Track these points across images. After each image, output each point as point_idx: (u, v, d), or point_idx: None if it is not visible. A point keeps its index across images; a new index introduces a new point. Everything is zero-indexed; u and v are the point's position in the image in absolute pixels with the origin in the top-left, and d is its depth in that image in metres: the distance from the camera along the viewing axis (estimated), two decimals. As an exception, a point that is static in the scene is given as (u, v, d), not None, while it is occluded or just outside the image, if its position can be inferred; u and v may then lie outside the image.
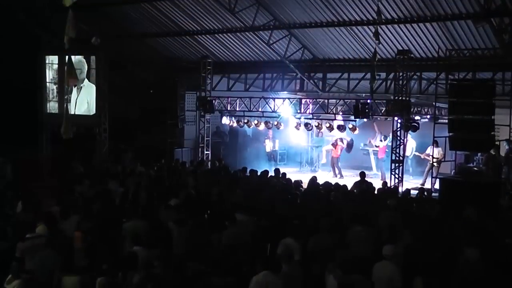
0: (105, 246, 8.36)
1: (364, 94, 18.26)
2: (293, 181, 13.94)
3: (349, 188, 12.94)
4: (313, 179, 13.68)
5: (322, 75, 18.68)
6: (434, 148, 16.02)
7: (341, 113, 17.95)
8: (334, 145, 19.21)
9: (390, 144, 16.64)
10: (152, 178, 14.16)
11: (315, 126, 18.00)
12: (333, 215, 9.59)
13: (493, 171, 14.30)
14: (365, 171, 14.68)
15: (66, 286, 7.04)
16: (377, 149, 18.69)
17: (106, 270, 6.98)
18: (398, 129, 15.45)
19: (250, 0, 15.34)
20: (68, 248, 8.05)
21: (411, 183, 16.70)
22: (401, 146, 15.48)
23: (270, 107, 18.47)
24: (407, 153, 17.20)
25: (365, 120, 17.08)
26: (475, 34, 13.90)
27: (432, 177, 15.59)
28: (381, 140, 18.27)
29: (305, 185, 13.66)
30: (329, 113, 17.56)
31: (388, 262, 7.01)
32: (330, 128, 17.59)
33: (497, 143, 14.46)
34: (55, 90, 18.82)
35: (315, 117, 18.00)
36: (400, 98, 15.17)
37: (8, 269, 7.21)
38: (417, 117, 16.11)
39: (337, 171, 19.13)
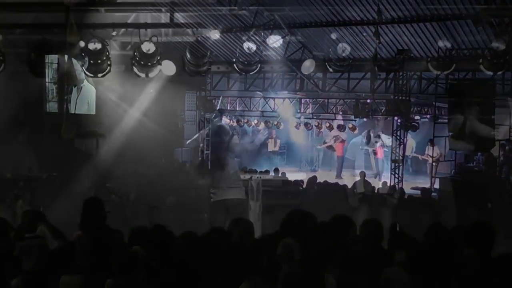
0: (105, 246, 8.35)
1: (364, 94, 18.25)
2: (292, 180, 13.96)
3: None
4: (313, 179, 13.69)
5: (322, 75, 18.66)
6: (431, 147, 16.03)
7: (341, 112, 17.96)
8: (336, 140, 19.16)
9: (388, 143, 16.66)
10: (152, 178, 14.17)
11: (315, 125, 18.01)
12: (332, 215, 9.57)
13: (494, 171, 14.29)
14: (365, 171, 14.70)
15: (66, 286, 7.02)
16: (375, 149, 18.69)
17: (114, 271, 6.92)
18: (398, 128, 15.47)
19: (250, 0, 15.34)
20: (69, 248, 8.04)
21: (411, 183, 16.72)
22: (401, 146, 15.50)
23: (270, 107, 18.46)
24: (407, 152, 17.20)
25: (365, 119, 17.09)
26: (475, 34, 13.91)
27: (431, 177, 15.61)
28: (376, 142, 18.21)
29: (305, 184, 13.67)
30: (329, 113, 17.56)
31: (401, 269, 6.87)
32: (330, 128, 17.60)
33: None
34: (55, 90, 18.79)
35: (315, 117, 18.01)
36: (400, 97, 15.17)
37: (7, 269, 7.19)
38: (417, 117, 16.12)
39: (338, 170, 19.15)
